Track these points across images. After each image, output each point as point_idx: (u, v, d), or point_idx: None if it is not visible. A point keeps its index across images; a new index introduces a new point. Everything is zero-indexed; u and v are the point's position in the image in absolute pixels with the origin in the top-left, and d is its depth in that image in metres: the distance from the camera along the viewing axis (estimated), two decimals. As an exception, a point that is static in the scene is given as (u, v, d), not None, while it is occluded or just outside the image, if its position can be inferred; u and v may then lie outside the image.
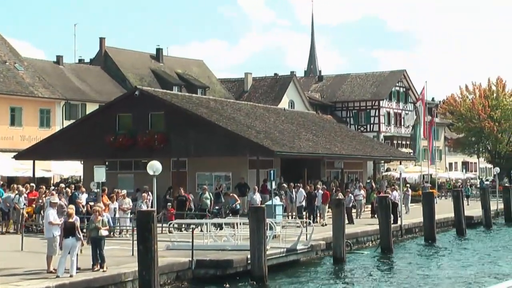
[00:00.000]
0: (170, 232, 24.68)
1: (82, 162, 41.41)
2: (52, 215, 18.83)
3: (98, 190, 26.66)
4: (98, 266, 18.68)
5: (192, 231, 21.69)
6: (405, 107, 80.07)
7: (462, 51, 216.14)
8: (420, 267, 26.06)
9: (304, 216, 32.66)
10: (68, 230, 17.99)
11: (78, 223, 18.38)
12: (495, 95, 73.15)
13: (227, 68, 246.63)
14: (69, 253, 17.99)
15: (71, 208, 19.05)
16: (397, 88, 79.92)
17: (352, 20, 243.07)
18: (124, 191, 28.96)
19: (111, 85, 61.36)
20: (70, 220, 18.13)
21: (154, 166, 19.77)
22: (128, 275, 18.59)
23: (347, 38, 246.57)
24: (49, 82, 55.87)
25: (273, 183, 28.54)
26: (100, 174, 25.97)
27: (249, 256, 21.97)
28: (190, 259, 21.17)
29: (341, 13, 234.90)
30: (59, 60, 61.20)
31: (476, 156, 79.89)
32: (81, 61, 69.12)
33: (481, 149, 76.06)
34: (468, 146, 76.02)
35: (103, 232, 18.80)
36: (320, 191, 35.04)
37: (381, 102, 77.15)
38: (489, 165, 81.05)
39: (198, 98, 41.73)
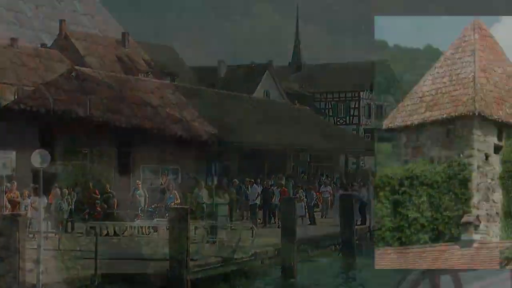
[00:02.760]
0: (81, 236, 20.52)
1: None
2: None
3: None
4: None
5: (96, 236, 17.61)
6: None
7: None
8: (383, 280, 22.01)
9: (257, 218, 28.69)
10: None
11: None
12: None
13: (210, 58, 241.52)
14: None
15: None
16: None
17: (338, 13, 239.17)
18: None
19: (70, 71, 57.07)
20: None
21: (41, 156, 15.56)
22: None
23: (333, 31, 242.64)
24: (0, 66, 52.02)
25: (215, 179, 24.38)
26: (-1, 165, 21.59)
27: (170, 269, 17.92)
28: (93, 272, 17.08)
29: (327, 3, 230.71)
30: (13, 43, 56.74)
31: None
32: (43, 45, 64.57)
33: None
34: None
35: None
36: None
37: (361, 93, 73.17)
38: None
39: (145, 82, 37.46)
